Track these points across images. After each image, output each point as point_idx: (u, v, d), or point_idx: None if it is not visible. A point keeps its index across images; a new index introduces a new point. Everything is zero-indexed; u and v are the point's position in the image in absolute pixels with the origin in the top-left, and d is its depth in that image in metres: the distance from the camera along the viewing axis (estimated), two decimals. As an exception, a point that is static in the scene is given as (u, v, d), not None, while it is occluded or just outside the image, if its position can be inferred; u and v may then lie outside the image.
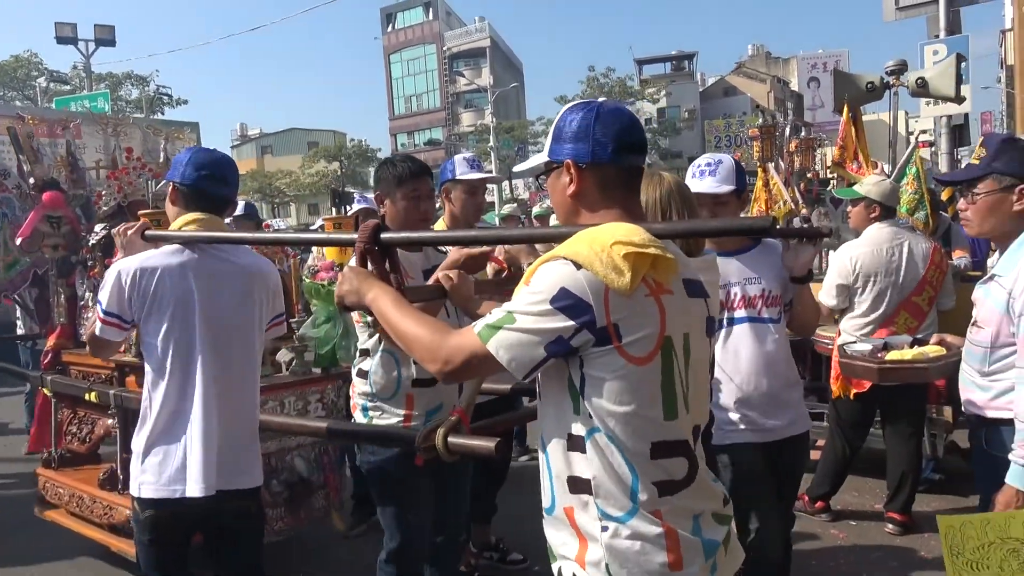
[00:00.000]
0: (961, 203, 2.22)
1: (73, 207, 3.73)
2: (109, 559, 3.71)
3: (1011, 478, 1.96)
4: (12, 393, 8.25)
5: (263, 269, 2.33)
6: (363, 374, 2.54)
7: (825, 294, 3.85)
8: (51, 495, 3.75)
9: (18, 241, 3.70)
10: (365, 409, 2.56)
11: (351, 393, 2.66)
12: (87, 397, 3.45)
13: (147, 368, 2.20)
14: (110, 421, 3.37)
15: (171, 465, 2.12)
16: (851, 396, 3.81)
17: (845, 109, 5.51)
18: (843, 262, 3.84)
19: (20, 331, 5.84)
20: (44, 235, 3.66)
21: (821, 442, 4.29)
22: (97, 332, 2.18)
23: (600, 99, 1.56)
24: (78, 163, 3.90)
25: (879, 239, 3.81)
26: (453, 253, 2.07)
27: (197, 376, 2.14)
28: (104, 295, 2.15)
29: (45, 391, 3.79)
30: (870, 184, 3.95)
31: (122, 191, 3.35)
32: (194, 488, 2.10)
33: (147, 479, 2.15)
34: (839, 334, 3.92)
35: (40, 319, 4.13)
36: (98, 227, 3.35)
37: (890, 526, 3.89)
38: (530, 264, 1.95)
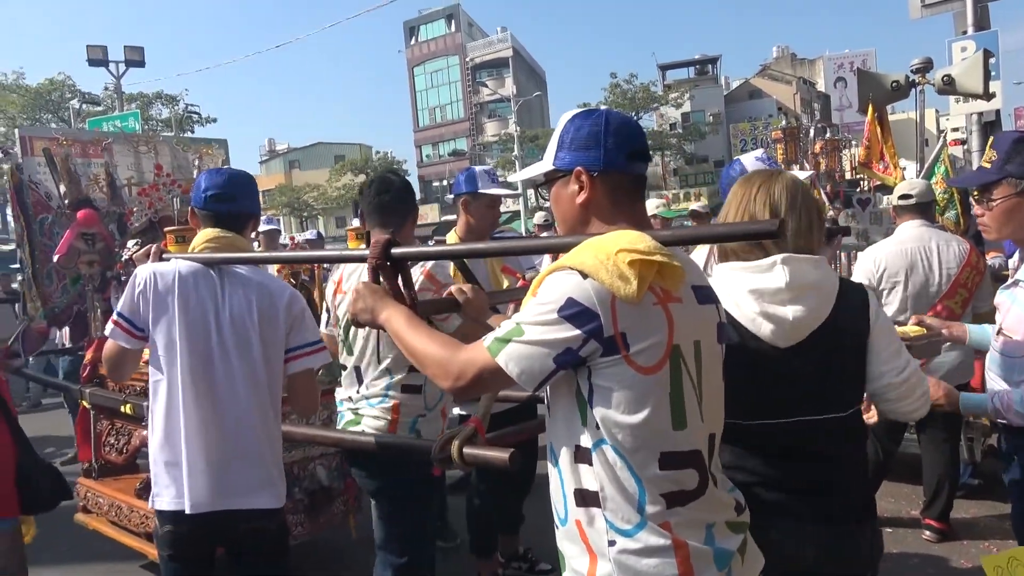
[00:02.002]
0: (977, 209, 2.15)
1: (107, 224, 3.84)
2: (148, 567, 3.80)
3: (963, 400, 2.01)
4: (54, 406, 8.48)
5: (270, 289, 2.26)
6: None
7: None
8: (91, 504, 3.84)
9: (55, 258, 3.81)
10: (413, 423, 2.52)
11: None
12: (123, 409, 3.53)
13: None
14: (145, 432, 3.44)
15: (175, 479, 2.13)
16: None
17: (870, 109, 5.46)
18: (867, 262, 3.79)
19: (57, 344, 6.05)
20: (80, 252, 3.76)
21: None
22: (107, 332, 2.18)
23: (603, 107, 1.56)
24: (115, 181, 4.01)
25: (905, 239, 3.75)
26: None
27: (179, 391, 2.12)
28: (121, 299, 2.21)
29: (84, 403, 3.88)
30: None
31: (153, 207, 3.43)
32: (187, 505, 2.10)
33: (158, 491, 2.17)
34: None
35: (77, 333, 4.26)
36: (131, 243, 3.44)
37: (927, 533, 3.82)
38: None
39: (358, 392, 2.54)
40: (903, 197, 3.86)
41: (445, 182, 43.73)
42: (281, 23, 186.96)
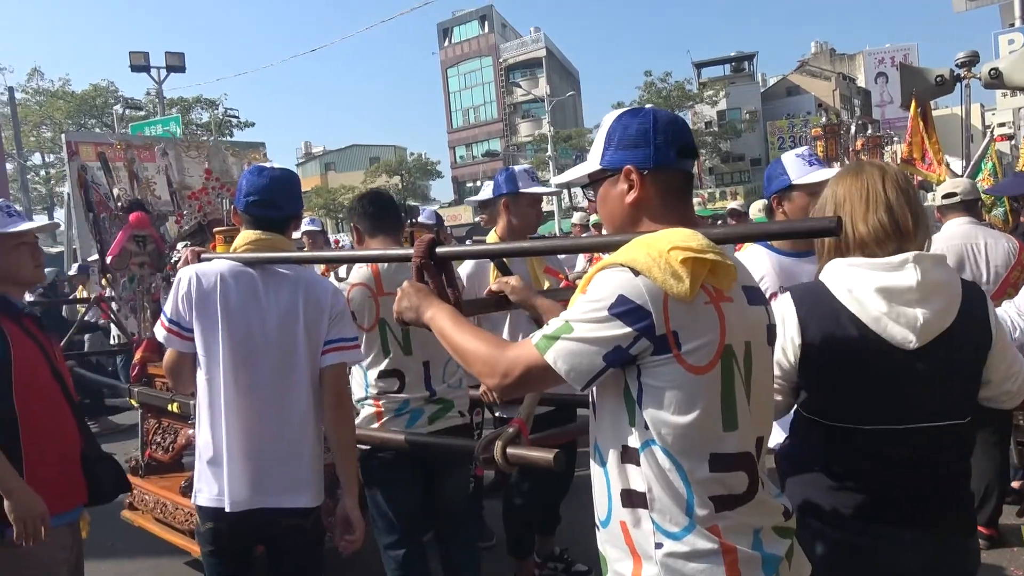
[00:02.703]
0: None
1: (157, 226, 3.94)
2: (192, 564, 3.89)
3: None
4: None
5: (316, 287, 2.28)
6: None
7: None
8: (138, 501, 3.93)
9: (108, 259, 3.92)
10: None
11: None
12: (170, 407, 3.61)
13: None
14: (191, 431, 3.51)
15: (216, 476, 2.17)
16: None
17: (913, 104, 5.34)
18: None
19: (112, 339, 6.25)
20: (131, 253, 3.87)
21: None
22: (160, 338, 2.23)
23: (648, 106, 1.54)
24: (173, 184, 4.10)
25: (950, 236, 3.68)
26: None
27: (220, 390, 2.16)
28: (167, 303, 2.25)
29: (133, 402, 3.98)
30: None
31: (202, 210, 3.52)
32: (227, 503, 2.14)
33: (200, 487, 2.22)
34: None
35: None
36: (180, 245, 3.52)
37: (976, 538, 3.73)
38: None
39: (436, 386, 2.71)
40: (947, 196, 3.79)
41: (479, 183, 43.83)
42: (317, 28, 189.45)
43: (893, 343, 1.56)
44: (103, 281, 4.33)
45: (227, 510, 2.14)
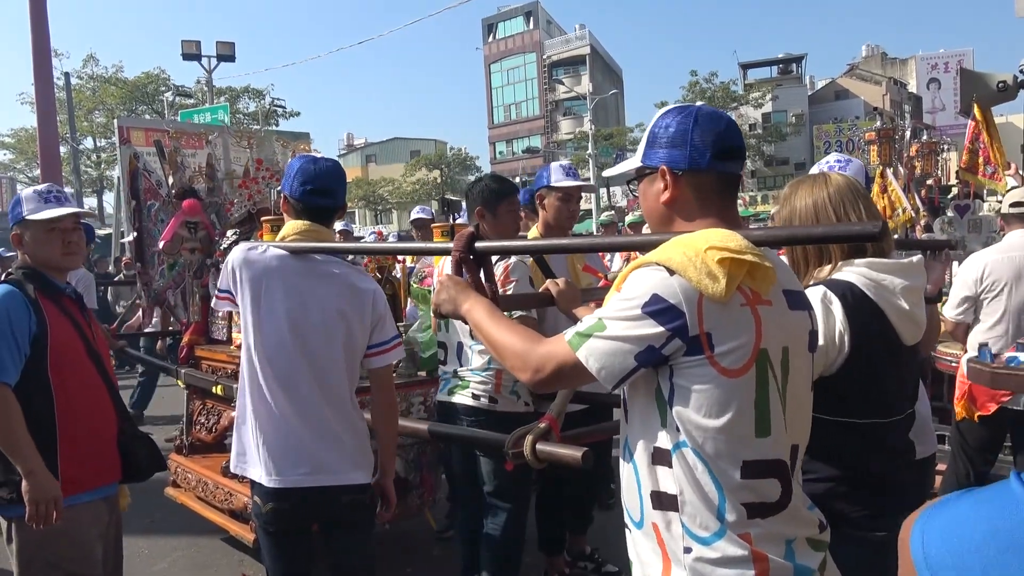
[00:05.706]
0: None
1: (208, 214, 4.02)
2: (228, 540, 3.97)
3: None
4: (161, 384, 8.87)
5: (357, 284, 2.30)
6: None
7: (949, 305, 3.63)
8: (181, 479, 4.03)
9: (160, 244, 4.01)
10: None
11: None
12: (214, 390, 3.69)
13: None
14: (233, 414, 3.58)
15: (261, 456, 2.22)
16: (975, 419, 3.57)
17: (976, 110, 5.16)
18: (970, 270, 3.61)
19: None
20: (183, 239, 3.96)
21: (942, 466, 4.03)
22: (213, 305, 2.45)
23: (698, 103, 1.51)
24: (216, 173, 4.18)
25: (1012, 246, 3.56)
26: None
27: (260, 375, 2.22)
28: (220, 279, 2.38)
29: (180, 383, 4.08)
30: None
31: (252, 199, 3.58)
32: (275, 481, 2.19)
33: (244, 468, 2.28)
34: (965, 352, 3.69)
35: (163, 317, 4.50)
36: (229, 232, 3.59)
37: (1019, 561, 3.62)
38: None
39: (462, 367, 2.98)
40: (1016, 204, 3.66)
41: (518, 179, 43.88)
42: (363, 20, 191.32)
43: (902, 339, 1.72)
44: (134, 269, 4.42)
45: (280, 487, 2.19)
